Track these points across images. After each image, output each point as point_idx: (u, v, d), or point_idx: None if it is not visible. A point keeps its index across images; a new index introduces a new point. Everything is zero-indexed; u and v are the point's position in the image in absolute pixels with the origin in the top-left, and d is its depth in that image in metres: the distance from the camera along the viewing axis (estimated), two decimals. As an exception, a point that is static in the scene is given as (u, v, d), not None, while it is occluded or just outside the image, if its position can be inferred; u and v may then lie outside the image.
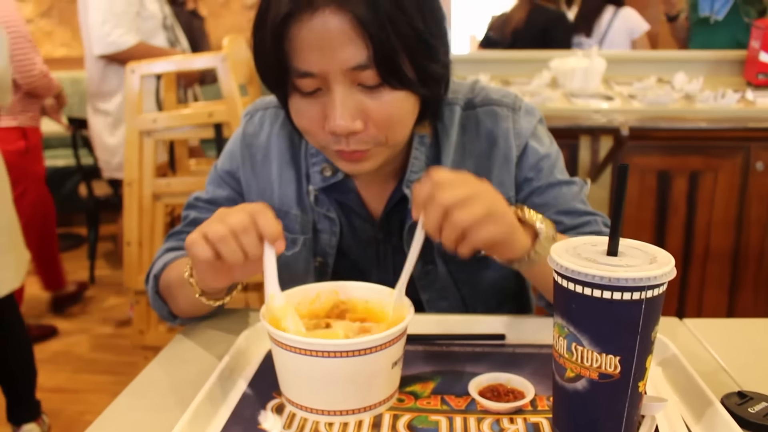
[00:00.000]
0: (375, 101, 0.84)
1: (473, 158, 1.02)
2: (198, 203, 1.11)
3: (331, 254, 1.06)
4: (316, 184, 1.02)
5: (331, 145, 0.88)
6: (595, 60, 2.79)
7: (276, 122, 1.07)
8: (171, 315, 1.02)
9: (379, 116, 0.85)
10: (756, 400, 0.74)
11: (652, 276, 0.57)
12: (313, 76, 0.83)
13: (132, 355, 2.84)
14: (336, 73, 0.82)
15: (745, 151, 2.41)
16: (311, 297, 0.83)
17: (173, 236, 1.10)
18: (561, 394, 0.65)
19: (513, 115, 1.02)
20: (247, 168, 1.07)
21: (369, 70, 0.81)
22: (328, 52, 0.80)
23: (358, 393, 0.71)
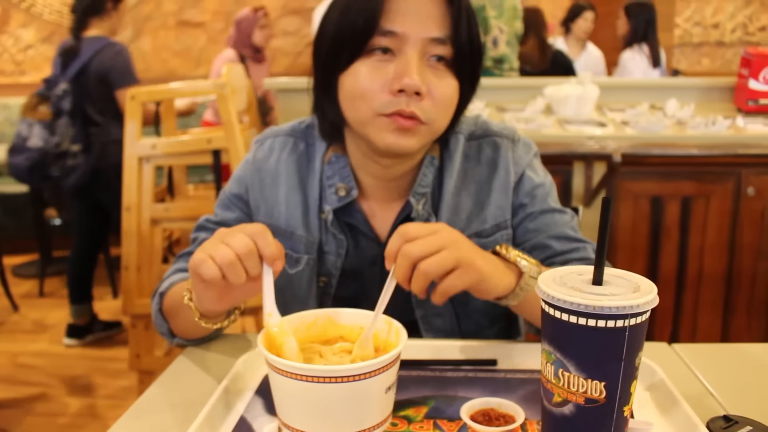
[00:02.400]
0: (437, 79, 0.94)
1: (474, 183, 1.09)
2: (208, 225, 1.14)
3: (335, 275, 1.09)
4: (331, 204, 1.07)
5: (389, 107, 0.93)
6: (588, 87, 2.83)
7: (285, 149, 1.12)
8: (171, 334, 1.04)
9: (439, 92, 0.94)
10: (741, 424, 0.75)
11: (635, 304, 0.60)
12: (393, 37, 0.92)
13: (128, 379, 2.85)
14: (417, 38, 0.92)
15: (737, 176, 2.44)
16: (308, 323, 0.85)
17: (182, 257, 1.13)
18: (549, 419, 0.67)
19: (512, 146, 1.10)
20: (256, 190, 1.12)
21: (445, 45, 0.93)
22: (417, 17, 0.92)
23: (352, 417, 0.73)
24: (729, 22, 5.58)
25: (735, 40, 5.63)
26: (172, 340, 1.05)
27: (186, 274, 1.06)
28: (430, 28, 0.92)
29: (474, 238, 1.06)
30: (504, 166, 1.09)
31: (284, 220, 1.10)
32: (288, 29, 5.53)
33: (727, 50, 5.75)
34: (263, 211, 1.11)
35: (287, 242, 1.08)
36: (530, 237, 1.08)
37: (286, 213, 1.10)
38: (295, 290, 1.10)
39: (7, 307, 3.70)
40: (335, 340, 0.84)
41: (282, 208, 1.10)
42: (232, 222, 1.12)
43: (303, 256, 1.09)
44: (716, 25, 5.65)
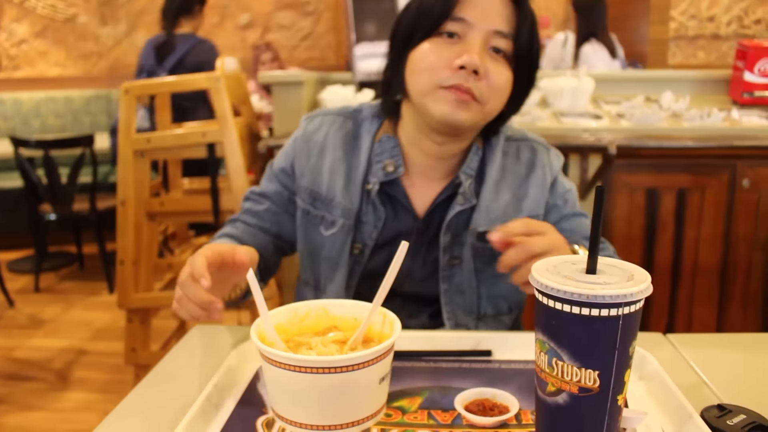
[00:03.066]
0: (494, 65, 1.04)
1: (513, 178, 1.19)
2: (252, 195, 1.27)
3: (369, 245, 1.18)
4: (378, 177, 1.16)
5: (450, 80, 1.03)
6: (583, 80, 2.83)
7: (333, 125, 1.23)
8: None
9: (494, 77, 1.04)
10: (735, 413, 0.76)
11: (628, 293, 0.60)
12: (462, 23, 1.04)
13: (124, 373, 2.84)
14: (482, 28, 1.03)
15: (732, 168, 2.44)
16: (301, 315, 0.85)
17: (230, 223, 1.24)
18: (543, 408, 0.67)
19: (547, 152, 1.23)
20: (303, 158, 1.22)
21: (506, 40, 1.04)
22: (486, 10, 1.04)
23: (346, 408, 0.73)
24: (724, 15, 5.57)
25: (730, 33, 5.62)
26: None
27: (228, 240, 1.14)
28: (495, 21, 1.03)
29: None
30: (541, 167, 1.20)
31: (326, 188, 1.19)
32: (283, 23, 5.51)
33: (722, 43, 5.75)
34: (307, 176, 1.20)
35: (326, 206, 1.18)
36: (566, 236, 1.11)
37: (328, 181, 1.19)
38: (328, 252, 1.19)
39: (3, 302, 3.70)
40: (328, 330, 0.84)
41: (325, 177, 1.19)
42: (272, 194, 1.24)
43: (339, 219, 1.17)
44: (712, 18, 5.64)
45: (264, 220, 1.23)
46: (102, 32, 5.56)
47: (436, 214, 1.17)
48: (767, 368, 0.92)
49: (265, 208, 1.24)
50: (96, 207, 3.83)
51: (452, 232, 1.15)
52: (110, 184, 4.38)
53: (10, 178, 4.49)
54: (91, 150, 3.78)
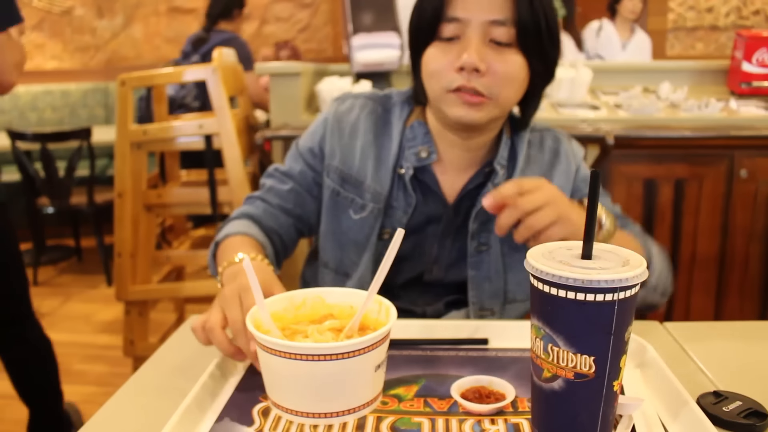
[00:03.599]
0: (499, 57, 1.03)
1: (537, 166, 1.20)
2: (276, 173, 1.25)
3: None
4: (412, 163, 1.16)
5: (454, 82, 1.03)
6: (581, 70, 2.82)
7: (365, 109, 1.22)
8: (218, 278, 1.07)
9: (499, 69, 1.03)
10: (731, 400, 0.76)
11: (624, 278, 0.59)
12: (457, 22, 1.02)
13: (123, 366, 2.84)
14: (477, 22, 1.02)
15: (729, 159, 2.44)
16: (297, 303, 0.85)
17: (249, 200, 1.24)
18: (539, 394, 0.66)
19: (569, 142, 1.24)
20: (335, 138, 1.21)
21: (504, 27, 1.02)
22: (478, 2, 1.01)
23: (341, 396, 0.72)
24: (723, 6, 5.55)
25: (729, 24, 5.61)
26: (219, 283, 1.07)
27: (246, 224, 1.15)
28: (490, 11, 1.01)
29: None
30: (565, 155, 1.21)
31: (356, 169, 1.19)
32: (281, 15, 5.49)
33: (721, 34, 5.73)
34: (339, 157, 1.20)
35: (356, 189, 1.19)
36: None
37: (359, 163, 1.19)
38: (355, 235, 1.19)
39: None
40: (325, 318, 0.84)
41: (356, 159, 1.19)
42: (296, 174, 1.23)
43: (369, 204, 1.17)
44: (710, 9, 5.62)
45: (287, 200, 1.22)
46: (99, 25, 5.54)
47: (465, 201, 1.18)
48: (763, 355, 0.92)
49: (289, 188, 1.22)
50: (94, 200, 3.83)
51: (481, 219, 1.15)
52: (108, 177, 4.37)
53: (8, 172, 4.48)
54: (88, 143, 3.78)
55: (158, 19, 5.57)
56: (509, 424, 0.73)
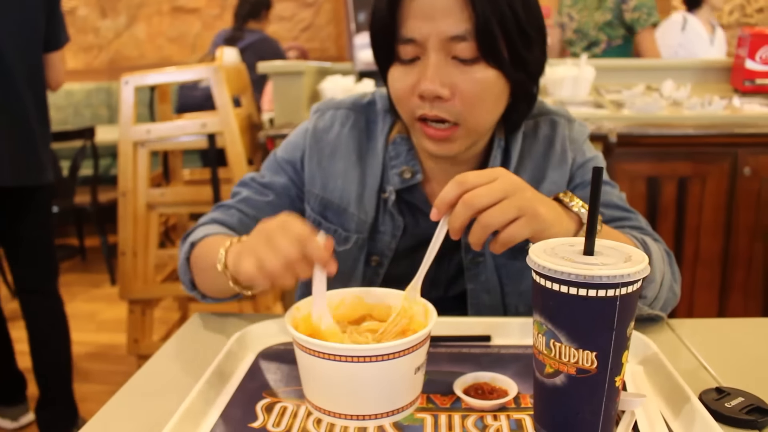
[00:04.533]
0: (465, 75, 0.91)
1: (531, 159, 1.08)
2: (253, 183, 1.14)
3: (388, 255, 1.10)
4: (394, 185, 1.07)
5: (417, 110, 0.94)
6: (584, 68, 2.82)
7: (347, 123, 1.12)
8: (192, 285, 1.04)
9: (466, 90, 0.91)
10: (733, 396, 0.76)
11: (626, 273, 0.60)
12: (414, 43, 0.91)
13: (127, 364, 2.85)
14: (434, 40, 0.89)
15: (733, 156, 2.44)
16: (335, 303, 0.84)
17: (221, 208, 1.13)
18: (541, 390, 0.67)
19: (569, 124, 1.11)
20: (314, 161, 1.11)
21: (466, 42, 0.89)
22: (430, 20, 0.89)
23: (380, 397, 0.72)
24: (727, 3, 5.54)
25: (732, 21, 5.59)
26: (191, 291, 1.05)
27: (221, 229, 1.06)
28: (445, 26, 0.89)
29: None
30: (560, 142, 1.08)
31: (338, 196, 1.09)
32: (283, 14, 5.50)
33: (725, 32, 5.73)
34: (319, 182, 1.10)
35: (339, 218, 1.09)
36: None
37: (341, 188, 1.09)
38: (340, 266, 1.05)
39: (6, 295, 3.70)
40: (363, 319, 0.84)
41: (338, 183, 1.09)
42: (279, 188, 1.13)
43: (353, 235, 1.09)
44: (713, 7, 5.61)
45: (265, 213, 1.10)
46: (102, 25, 5.55)
47: None
48: (766, 352, 0.92)
49: (268, 200, 1.12)
50: (97, 199, 3.84)
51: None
52: (111, 176, 4.38)
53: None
54: (92, 142, 3.79)
55: (161, 19, 5.58)
56: (512, 420, 0.73)
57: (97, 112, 5.26)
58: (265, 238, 0.77)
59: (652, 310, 0.98)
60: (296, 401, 0.77)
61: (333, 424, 0.72)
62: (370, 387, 0.71)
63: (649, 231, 1.08)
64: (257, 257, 0.76)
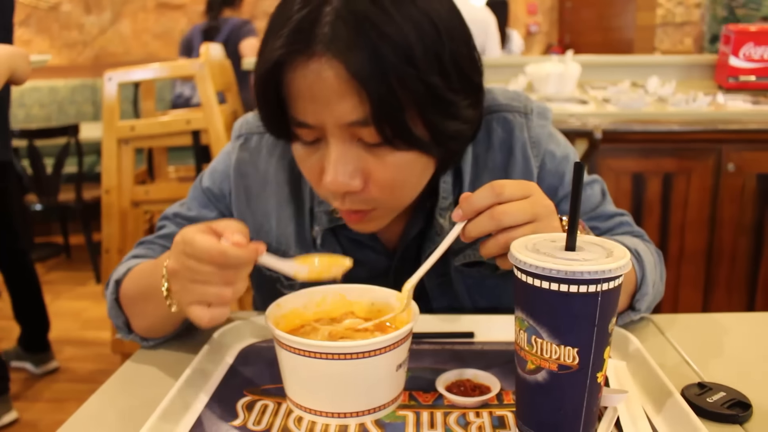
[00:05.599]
0: (377, 160, 0.77)
1: (488, 171, 0.96)
2: (178, 219, 1.03)
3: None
4: (322, 225, 0.96)
5: (329, 200, 0.83)
6: (569, 65, 2.83)
7: (275, 151, 0.99)
8: (127, 327, 0.94)
9: (381, 177, 0.78)
10: (715, 391, 0.76)
11: (607, 269, 0.59)
12: (310, 127, 0.76)
13: (111, 363, 2.83)
14: (333, 126, 0.74)
15: (717, 153, 2.45)
16: (317, 300, 0.84)
17: (144, 245, 1.03)
18: (523, 387, 0.66)
19: (526, 121, 0.96)
20: (242, 201, 0.99)
21: (369, 127, 0.73)
22: (323, 104, 0.73)
23: (361, 395, 0.71)
24: (711, 1, 5.58)
25: None
26: (127, 336, 0.94)
27: (141, 260, 0.96)
28: (341, 113, 0.73)
29: None
30: (521, 148, 0.95)
31: (275, 237, 0.98)
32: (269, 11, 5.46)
33: (709, 29, 5.76)
34: (251, 225, 0.98)
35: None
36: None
37: (276, 230, 0.98)
38: (275, 288, 1.00)
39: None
40: (345, 316, 0.83)
41: (272, 224, 0.98)
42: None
43: (298, 282, 0.89)
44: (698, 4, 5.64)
45: None
46: (86, 21, 5.51)
47: (413, 246, 0.97)
48: (747, 347, 0.93)
49: None
50: (82, 197, 3.81)
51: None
52: (96, 174, 4.34)
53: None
54: (76, 139, 3.75)
55: (146, 15, 5.54)
56: (494, 417, 0.72)
57: (82, 109, 5.22)
58: (189, 278, 0.70)
59: (639, 315, 0.95)
60: (277, 399, 0.77)
61: (314, 423, 0.72)
62: (351, 384, 0.70)
63: (638, 231, 1.04)
64: (200, 303, 0.71)
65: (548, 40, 6.55)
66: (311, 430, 0.71)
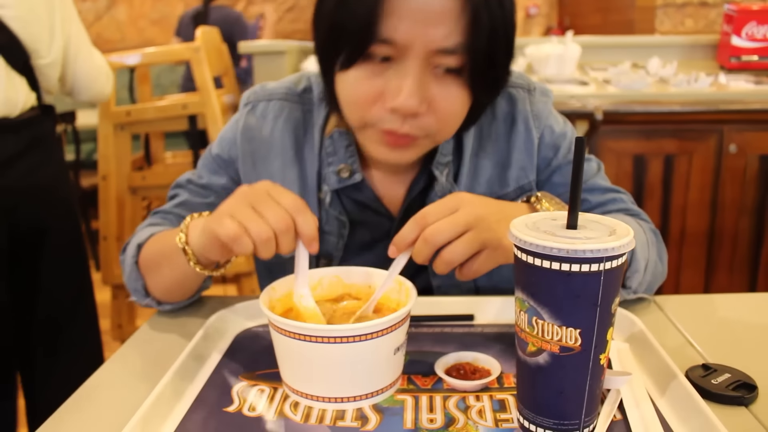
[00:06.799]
0: (443, 91, 0.82)
1: (492, 142, 1.00)
2: (189, 186, 1.06)
3: (337, 256, 1.03)
4: (331, 185, 0.98)
5: (382, 123, 0.84)
6: (569, 46, 2.80)
7: (281, 116, 1.02)
8: (144, 292, 0.96)
9: (441, 106, 0.82)
10: (719, 372, 0.74)
11: (610, 247, 0.57)
12: (392, 45, 0.78)
13: (110, 350, 2.82)
14: (421, 49, 0.78)
15: (719, 134, 2.43)
16: (313, 283, 0.82)
17: (159, 214, 1.05)
18: (524, 369, 0.65)
19: (529, 96, 1.01)
20: (248, 164, 1.02)
21: (454, 55, 0.79)
22: (422, 24, 0.76)
23: (359, 380, 0.70)
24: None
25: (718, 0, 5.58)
26: (143, 300, 0.97)
27: (163, 228, 0.98)
28: (437, 36, 0.77)
29: None
30: (523, 120, 1.00)
31: None
32: None
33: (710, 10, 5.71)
34: None
35: None
36: (561, 191, 1.00)
37: None
38: (288, 269, 1.00)
39: None
40: (342, 298, 0.82)
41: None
42: (219, 188, 1.04)
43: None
44: (700, -16, 5.60)
45: None
46: (82, 7, 5.46)
47: (413, 208, 0.93)
48: (752, 327, 0.91)
49: (210, 202, 1.03)
50: (80, 184, 3.78)
51: None
52: (94, 161, 4.29)
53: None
54: (73, 126, 3.72)
55: (143, 1, 5.50)
56: (494, 401, 0.71)
57: (79, 96, 5.17)
58: (250, 202, 0.72)
59: (635, 295, 0.94)
60: (274, 384, 0.75)
61: (311, 408, 0.70)
62: (347, 368, 0.69)
63: (634, 210, 1.04)
64: (240, 219, 0.71)
65: (548, 23, 6.50)
66: (308, 415, 0.69)
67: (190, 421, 0.68)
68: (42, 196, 1.69)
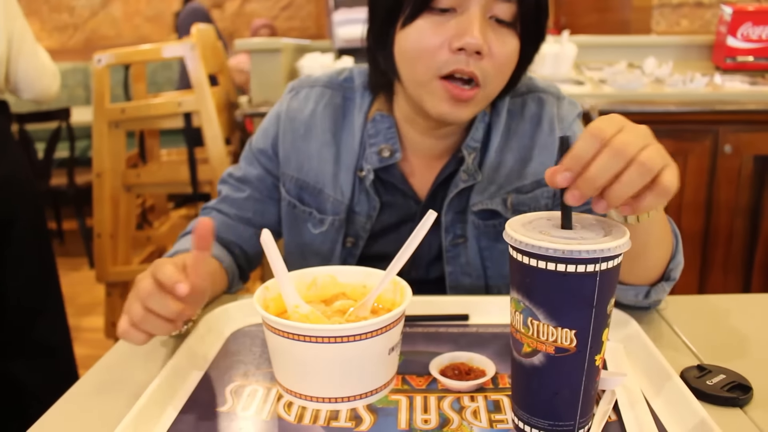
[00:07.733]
0: (499, 39, 0.90)
1: (517, 139, 1.06)
2: (230, 180, 1.14)
3: (363, 237, 1.07)
4: (372, 164, 1.04)
5: (449, 65, 0.89)
6: (565, 45, 2.79)
7: (321, 101, 1.10)
8: None
9: (498, 53, 0.90)
10: (714, 373, 0.74)
11: (605, 248, 0.57)
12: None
13: (105, 348, 2.81)
14: None
15: (714, 134, 2.43)
16: (307, 282, 0.82)
17: (204, 212, 1.13)
18: (519, 370, 0.65)
19: (558, 102, 1.08)
20: (288, 140, 1.09)
21: (509, 3, 0.88)
22: None
23: (353, 379, 0.69)
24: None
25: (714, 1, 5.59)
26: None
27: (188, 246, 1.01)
28: None
29: (513, 194, 1.05)
30: (548, 121, 1.06)
31: (314, 176, 1.08)
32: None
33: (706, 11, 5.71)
34: (294, 163, 1.09)
35: (315, 200, 1.08)
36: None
37: (316, 169, 1.08)
38: (318, 248, 1.09)
39: None
40: (336, 298, 0.81)
41: (313, 163, 1.08)
42: (254, 179, 1.12)
43: (328, 217, 1.07)
44: (695, -15, 5.60)
45: (245, 209, 1.11)
46: (77, 3, 5.44)
47: (439, 193, 1.06)
48: (747, 328, 0.91)
49: (246, 195, 1.11)
50: (74, 182, 3.77)
51: (453, 209, 1.04)
52: (88, 158, 4.29)
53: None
54: (67, 123, 3.71)
55: (138, -3, 5.48)
56: (489, 401, 0.71)
57: (74, 93, 5.16)
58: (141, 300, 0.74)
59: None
60: (267, 384, 0.75)
61: (304, 408, 0.70)
62: (342, 369, 0.68)
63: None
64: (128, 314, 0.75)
65: (544, 22, 6.49)
66: (301, 415, 0.69)
67: (183, 421, 0.68)
68: None
